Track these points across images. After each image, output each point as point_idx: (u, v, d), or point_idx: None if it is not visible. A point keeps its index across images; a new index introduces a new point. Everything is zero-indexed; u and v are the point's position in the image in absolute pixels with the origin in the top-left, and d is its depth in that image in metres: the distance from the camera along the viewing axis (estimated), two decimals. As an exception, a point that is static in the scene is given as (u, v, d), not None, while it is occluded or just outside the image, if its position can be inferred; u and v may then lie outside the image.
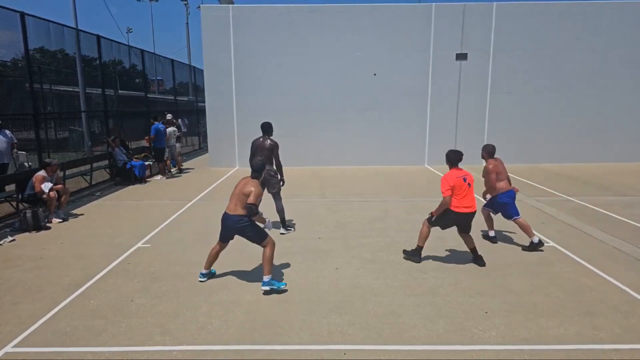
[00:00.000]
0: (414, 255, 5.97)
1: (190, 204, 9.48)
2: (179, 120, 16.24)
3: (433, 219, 5.84)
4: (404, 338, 4.07)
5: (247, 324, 4.32)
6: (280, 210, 7.24)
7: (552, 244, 6.63)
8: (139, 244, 6.76)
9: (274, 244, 5.15)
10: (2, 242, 6.90)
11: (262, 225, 5.16)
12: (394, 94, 14.47)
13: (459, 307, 4.64)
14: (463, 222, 5.78)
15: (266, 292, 4.96)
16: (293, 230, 7.39)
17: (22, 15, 8.56)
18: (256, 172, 5.22)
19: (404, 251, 6.17)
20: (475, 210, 5.72)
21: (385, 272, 5.59)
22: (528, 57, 14.34)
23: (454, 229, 5.97)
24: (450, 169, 5.77)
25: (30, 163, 9.93)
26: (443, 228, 5.98)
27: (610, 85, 14.47)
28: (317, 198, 10.03)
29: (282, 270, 5.68)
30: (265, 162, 5.42)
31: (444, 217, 5.76)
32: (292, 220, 7.90)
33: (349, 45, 14.27)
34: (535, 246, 6.31)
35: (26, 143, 10.89)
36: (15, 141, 9.48)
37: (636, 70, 14.38)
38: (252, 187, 5.03)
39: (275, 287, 5.00)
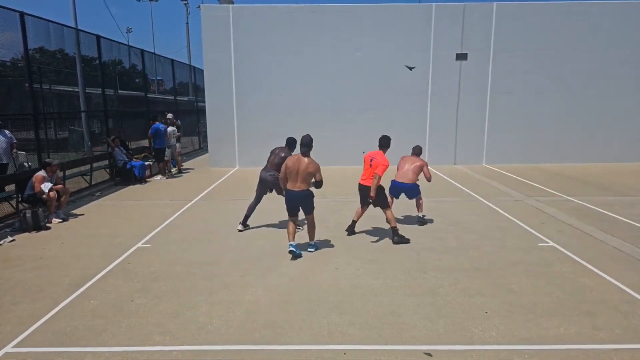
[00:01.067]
0: (396, 235, 6.72)
1: (190, 204, 9.48)
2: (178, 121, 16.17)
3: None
4: (404, 338, 4.07)
5: (247, 324, 4.32)
6: (310, 222, 7.29)
7: (552, 244, 6.63)
8: (139, 244, 6.76)
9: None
10: (2, 242, 6.90)
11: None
12: (394, 94, 14.47)
13: (459, 307, 4.64)
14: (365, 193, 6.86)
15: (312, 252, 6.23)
16: (300, 229, 7.42)
17: (22, 15, 8.56)
18: (306, 147, 6.10)
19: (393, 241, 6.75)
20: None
21: (385, 272, 5.59)
22: (528, 57, 14.34)
23: (457, 234, 5.99)
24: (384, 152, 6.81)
25: (30, 163, 9.93)
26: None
27: (611, 86, 14.48)
28: (317, 198, 10.00)
29: (283, 270, 5.68)
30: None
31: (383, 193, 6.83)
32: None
33: (349, 45, 14.27)
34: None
35: (26, 143, 10.89)
36: (15, 141, 9.48)
37: (636, 70, 14.38)
38: (313, 165, 6.04)
39: (314, 249, 6.33)
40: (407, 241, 6.72)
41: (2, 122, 9.32)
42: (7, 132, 9.33)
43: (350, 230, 7.23)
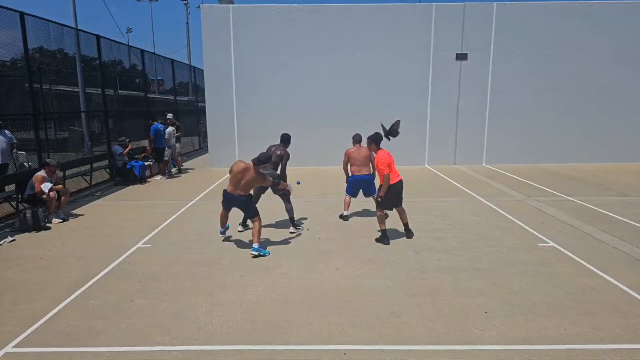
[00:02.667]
0: (383, 238, 6.71)
1: (190, 204, 9.49)
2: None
3: (380, 200, 6.65)
4: (404, 338, 4.07)
5: (247, 324, 4.32)
6: (290, 210, 7.38)
7: (552, 244, 6.63)
8: (139, 244, 6.76)
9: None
10: (2, 242, 6.90)
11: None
12: (394, 94, 14.46)
13: (459, 307, 4.64)
14: (398, 192, 6.72)
15: (254, 256, 6.06)
16: (301, 229, 7.43)
17: (22, 15, 8.56)
18: (261, 162, 6.24)
19: (376, 239, 6.84)
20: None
21: (385, 272, 5.59)
22: (528, 57, 14.34)
23: (457, 234, 5.98)
24: (378, 150, 6.65)
25: (30, 163, 9.93)
26: (392, 207, 6.82)
27: (611, 85, 14.47)
28: (318, 198, 10.04)
29: (283, 270, 5.68)
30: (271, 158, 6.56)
31: (387, 195, 6.58)
32: (300, 220, 7.91)
33: (349, 45, 14.26)
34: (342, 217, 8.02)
35: (26, 143, 10.88)
36: (15, 141, 9.48)
37: (636, 70, 14.38)
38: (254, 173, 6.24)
39: (262, 253, 6.13)
40: (386, 243, 6.64)
41: (2, 122, 9.32)
42: (7, 132, 9.33)
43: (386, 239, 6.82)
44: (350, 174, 7.96)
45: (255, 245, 6.17)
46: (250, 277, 5.45)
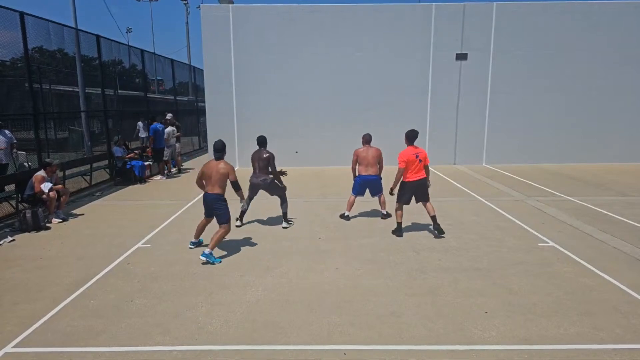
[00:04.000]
0: (396, 230, 7.06)
1: (190, 204, 9.48)
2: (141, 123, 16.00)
3: (392, 192, 7.01)
4: (404, 338, 4.07)
5: (247, 324, 4.32)
6: (285, 207, 7.66)
7: (552, 244, 6.63)
8: (139, 244, 6.76)
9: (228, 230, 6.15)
10: (2, 242, 6.89)
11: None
12: (394, 94, 14.47)
13: (459, 307, 4.64)
14: (413, 189, 6.89)
15: (203, 263, 5.86)
16: (292, 224, 7.73)
17: (22, 15, 8.56)
18: (219, 152, 6.19)
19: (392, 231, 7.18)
20: (425, 177, 6.91)
21: (385, 272, 5.59)
22: (528, 57, 14.34)
23: (457, 234, 5.97)
24: (407, 146, 6.92)
25: (30, 163, 9.93)
26: (407, 202, 7.00)
27: (611, 85, 14.47)
28: (318, 198, 10.04)
29: (282, 270, 5.68)
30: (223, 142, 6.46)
31: (402, 191, 6.93)
32: (294, 218, 7.95)
33: (349, 45, 14.26)
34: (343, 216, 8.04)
35: (26, 143, 10.88)
36: (15, 141, 9.48)
37: (636, 70, 14.38)
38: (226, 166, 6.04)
39: (211, 261, 5.88)
40: (398, 235, 7.06)
41: (2, 122, 9.31)
42: (7, 132, 9.33)
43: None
44: (357, 174, 8.02)
45: (207, 250, 5.92)
46: (250, 277, 5.45)
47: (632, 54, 14.30)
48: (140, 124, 15.67)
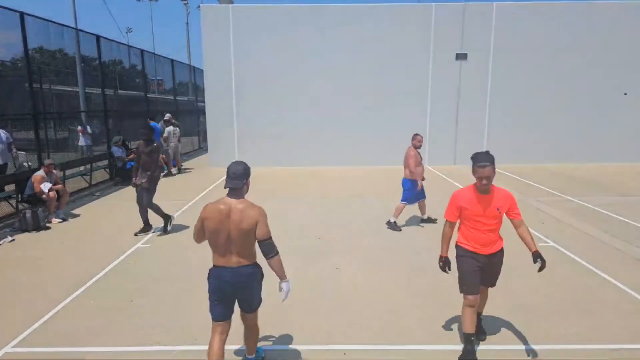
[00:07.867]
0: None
1: (190, 204, 9.48)
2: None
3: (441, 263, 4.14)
4: (404, 338, 4.07)
5: (247, 324, 4.31)
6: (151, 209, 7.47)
7: (552, 244, 6.63)
8: (139, 244, 6.76)
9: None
10: (2, 242, 6.90)
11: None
12: (394, 94, 14.46)
13: (459, 307, 4.62)
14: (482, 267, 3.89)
15: None
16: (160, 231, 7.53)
17: (22, 15, 8.56)
18: (237, 180, 3.56)
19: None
20: (495, 252, 4.10)
21: (385, 272, 5.59)
22: (528, 57, 14.33)
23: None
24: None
25: (29, 163, 9.92)
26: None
27: (611, 85, 14.47)
28: (317, 198, 10.03)
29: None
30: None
31: (461, 264, 3.93)
32: (294, 218, 7.93)
33: (349, 45, 14.26)
34: (393, 225, 7.45)
35: (26, 143, 10.88)
36: (11, 140, 9.44)
37: (636, 70, 14.38)
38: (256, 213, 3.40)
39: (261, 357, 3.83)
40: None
41: (2, 122, 9.29)
42: (2, 132, 9.26)
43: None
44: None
45: (251, 357, 3.78)
46: (250, 277, 5.44)
47: (632, 54, 14.30)
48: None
